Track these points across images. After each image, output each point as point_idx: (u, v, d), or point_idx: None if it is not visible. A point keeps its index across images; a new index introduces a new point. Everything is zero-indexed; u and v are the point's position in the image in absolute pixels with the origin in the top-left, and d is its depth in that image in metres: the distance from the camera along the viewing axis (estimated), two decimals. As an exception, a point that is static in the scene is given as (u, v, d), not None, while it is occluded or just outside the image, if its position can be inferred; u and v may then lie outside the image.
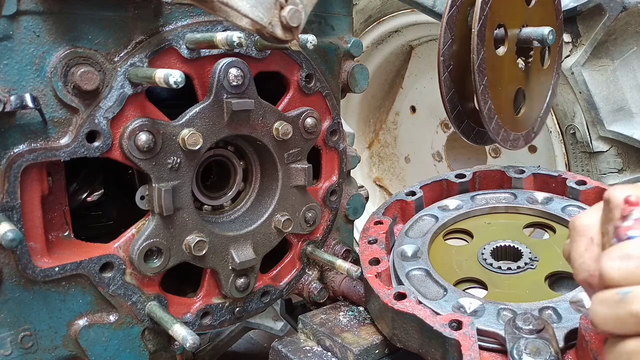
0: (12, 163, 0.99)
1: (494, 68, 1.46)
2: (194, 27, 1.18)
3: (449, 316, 1.06)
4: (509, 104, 1.56)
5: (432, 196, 1.60)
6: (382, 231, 1.41)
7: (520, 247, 1.31)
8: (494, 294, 1.19)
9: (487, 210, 1.50)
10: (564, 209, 1.41)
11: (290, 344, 1.30)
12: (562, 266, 1.23)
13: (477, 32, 1.37)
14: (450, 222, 1.46)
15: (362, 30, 2.85)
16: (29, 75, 1.00)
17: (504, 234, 1.39)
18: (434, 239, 1.40)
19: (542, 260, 1.27)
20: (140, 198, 1.17)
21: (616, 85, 1.97)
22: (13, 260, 1.03)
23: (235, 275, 1.31)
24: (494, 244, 1.34)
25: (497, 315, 1.07)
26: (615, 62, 1.97)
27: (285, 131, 1.31)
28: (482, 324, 1.04)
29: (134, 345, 1.21)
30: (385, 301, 1.14)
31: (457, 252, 1.36)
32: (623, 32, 1.91)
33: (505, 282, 1.22)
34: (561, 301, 1.09)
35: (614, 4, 1.85)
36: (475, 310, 1.10)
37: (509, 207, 1.48)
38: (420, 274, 1.25)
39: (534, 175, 1.56)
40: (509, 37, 1.49)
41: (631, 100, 1.97)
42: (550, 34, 1.49)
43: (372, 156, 3.45)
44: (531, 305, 1.08)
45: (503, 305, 1.09)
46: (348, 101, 3.19)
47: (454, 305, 1.12)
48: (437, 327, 1.04)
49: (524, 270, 1.25)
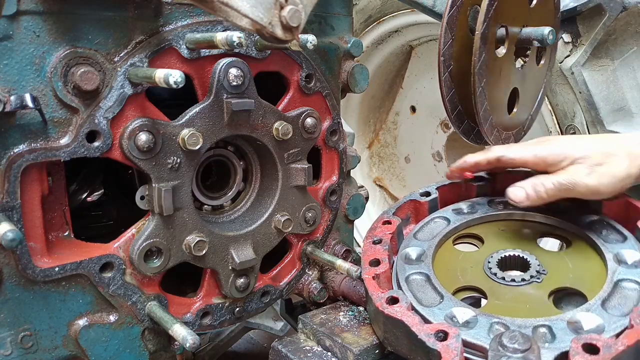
0: (12, 163, 0.99)
1: (493, 69, 1.46)
2: (194, 27, 1.18)
3: (437, 326, 1.03)
4: (502, 104, 1.55)
5: (449, 198, 1.54)
6: (389, 231, 1.36)
7: (529, 258, 1.24)
8: (493, 305, 1.15)
9: (503, 217, 1.42)
10: (582, 221, 1.32)
11: (290, 344, 1.30)
12: (570, 282, 1.17)
13: (481, 34, 1.37)
14: (462, 227, 1.41)
15: (362, 30, 2.86)
16: (29, 75, 1.00)
17: (517, 242, 1.33)
18: (442, 243, 1.35)
19: (551, 273, 1.20)
20: (140, 198, 1.17)
21: (616, 85, 1.97)
22: (13, 260, 1.03)
23: (235, 275, 1.31)
24: (503, 252, 1.28)
25: (489, 328, 1.03)
26: (615, 62, 1.97)
27: (285, 131, 1.31)
28: (471, 336, 1.01)
29: (134, 345, 1.21)
30: (377, 304, 1.12)
31: (463, 259, 1.31)
32: (623, 32, 1.91)
33: (507, 293, 1.18)
34: (559, 320, 1.02)
35: (614, 4, 1.85)
36: (467, 321, 1.06)
37: (527, 215, 1.40)
38: (420, 278, 1.22)
39: None
40: (509, 37, 1.49)
41: (631, 100, 1.97)
42: (550, 34, 1.49)
43: (372, 156, 3.45)
44: (526, 321, 1.03)
45: (497, 318, 1.05)
46: (348, 101, 3.19)
47: (446, 314, 1.09)
48: (421, 335, 1.01)
49: (529, 283, 1.19)
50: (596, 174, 1.19)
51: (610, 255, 1.17)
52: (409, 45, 2.98)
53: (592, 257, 1.23)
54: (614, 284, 1.09)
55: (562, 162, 1.24)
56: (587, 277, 1.18)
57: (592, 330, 0.98)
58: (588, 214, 1.33)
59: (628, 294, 1.07)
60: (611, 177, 1.20)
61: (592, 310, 1.03)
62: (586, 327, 0.99)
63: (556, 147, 1.27)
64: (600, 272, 1.16)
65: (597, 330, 0.98)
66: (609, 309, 1.03)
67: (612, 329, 0.98)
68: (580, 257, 1.24)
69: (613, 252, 1.17)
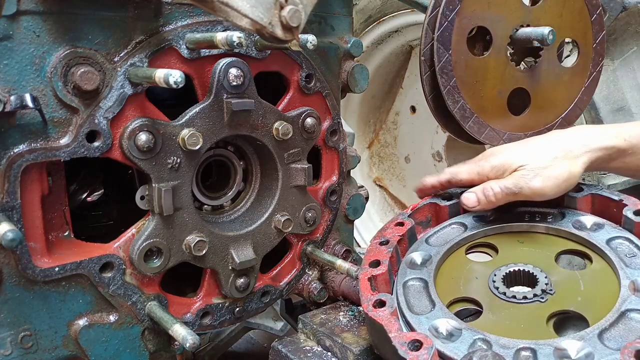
0: (12, 163, 0.99)
1: (475, 69, 1.48)
2: (194, 27, 1.18)
3: (414, 335, 1.00)
4: (498, 104, 1.55)
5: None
6: (399, 233, 1.31)
7: (539, 275, 1.17)
8: (485, 320, 1.11)
9: (525, 228, 1.35)
10: (609, 241, 1.22)
11: (290, 344, 1.30)
12: (576, 306, 1.10)
13: (438, 36, 1.42)
14: (479, 235, 1.35)
15: (362, 30, 2.86)
16: (29, 75, 1.00)
17: (532, 257, 1.25)
18: (453, 250, 1.31)
19: (558, 294, 1.13)
20: (140, 198, 1.17)
21: (616, 85, 1.97)
22: (13, 260, 1.03)
23: (235, 275, 1.31)
24: (513, 266, 1.21)
25: (470, 344, 1.00)
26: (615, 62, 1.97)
27: (285, 131, 1.31)
28: (449, 349, 0.98)
29: (134, 345, 1.21)
30: (363, 306, 1.11)
31: (471, 268, 1.26)
32: (623, 32, 1.92)
33: (504, 310, 1.12)
34: (546, 345, 0.96)
35: (614, 4, 1.85)
36: (451, 333, 1.03)
37: (550, 228, 1.32)
38: (418, 284, 1.20)
39: (592, 196, 1.34)
40: (495, 37, 1.49)
41: (631, 100, 1.97)
42: (550, 34, 1.48)
43: (372, 156, 3.45)
44: (511, 342, 0.98)
45: (481, 335, 1.01)
46: (348, 101, 3.19)
47: (432, 324, 1.06)
48: (395, 342, 0.99)
49: (531, 302, 1.12)
50: (540, 177, 1.27)
51: (627, 281, 1.08)
52: (409, 45, 2.98)
53: (609, 281, 1.13)
54: (620, 313, 1.00)
55: (505, 172, 1.32)
56: (597, 302, 1.09)
57: None
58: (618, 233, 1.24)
59: (633, 326, 0.98)
60: (554, 179, 1.27)
61: (586, 338, 0.96)
62: (573, 357, 0.93)
63: (499, 159, 1.35)
64: (613, 298, 1.06)
65: None
66: (606, 340, 0.96)
67: None
68: (596, 279, 1.16)
69: (632, 279, 1.08)
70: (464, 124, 1.50)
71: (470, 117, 1.49)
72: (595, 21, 1.64)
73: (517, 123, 1.60)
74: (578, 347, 0.94)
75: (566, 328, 1.13)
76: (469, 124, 1.50)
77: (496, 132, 1.55)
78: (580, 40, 1.63)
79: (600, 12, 1.64)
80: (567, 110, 1.67)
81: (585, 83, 1.68)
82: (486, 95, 1.52)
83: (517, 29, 1.53)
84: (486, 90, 1.51)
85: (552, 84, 1.62)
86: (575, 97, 1.67)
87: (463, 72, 1.46)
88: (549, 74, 1.61)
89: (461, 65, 1.45)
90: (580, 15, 1.62)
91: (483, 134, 1.53)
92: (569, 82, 1.65)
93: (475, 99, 1.49)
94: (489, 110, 1.53)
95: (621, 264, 1.13)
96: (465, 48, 1.47)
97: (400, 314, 1.12)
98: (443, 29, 1.42)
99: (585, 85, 1.68)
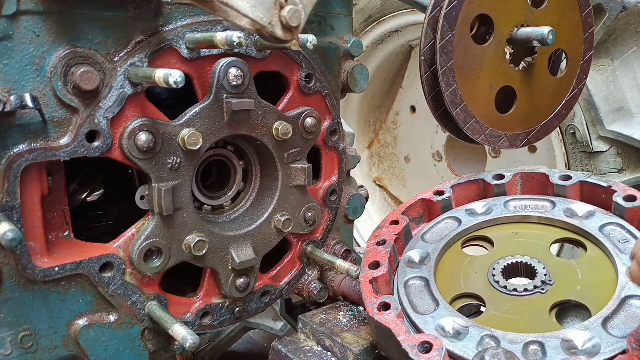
0: (12, 163, 0.99)
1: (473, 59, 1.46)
2: (194, 27, 1.18)
3: (423, 337, 1.01)
4: (486, 98, 1.55)
5: (465, 197, 1.46)
6: (395, 232, 1.31)
7: (537, 266, 1.17)
8: (490, 316, 1.10)
9: (518, 219, 1.34)
10: (602, 228, 1.22)
11: (290, 344, 1.30)
12: (576, 295, 1.10)
13: (445, 14, 1.38)
14: (473, 229, 1.33)
15: (362, 30, 2.86)
16: (29, 75, 1.01)
17: (528, 248, 1.25)
18: (450, 246, 1.30)
19: (558, 285, 1.13)
20: (140, 198, 1.17)
21: (616, 85, 1.97)
22: (13, 260, 1.03)
23: (235, 275, 1.31)
24: (510, 259, 1.20)
25: (478, 341, 1.01)
26: (615, 62, 1.97)
27: (285, 131, 1.31)
28: (459, 348, 0.99)
29: (134, 345, 1.21)
30: (368, 310, 1.11)
31: (469, 263, 1.25)
32: (623, 32, 1.92)
33: (507, 304, 1.12)
34: (553, 337, 0.97)
35: (614, 4, 1.85)
36: (458, 332, 1.04)
37: (542, 218, 1.32)
38: (419, 283, 1.19)
39: (581, 184, 1.34)
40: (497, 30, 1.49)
41: (631, 100, 1.97)
42: (551, 34, 1.48)
43: (372, 156, 3.45)
44: (518, 336, 0.98)
45: (489, 331, 1.01)
46: (348, 101, 3.19)
47: (438, 323, 1.06)
48: (405, 346, 0.99)
49: (532, 294, 1.12)
50: None
51: (624, 268, 1.08)
52: (409, 45, 2.98)
53: (606, 268, 1.14)
54: (621, 300, 1.02)
55: None
56: (597, 290, 1.10)
57: (587, 351, 0.94)
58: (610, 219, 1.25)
59: (635, 312, 0.99)
60: None
61: (590, 328, 0.97)
62: (580, 347, 0.94)
63: None
64: (612, 285, 1.08)
65: (592, 352, 0.93)
66: (611, 329, 0.97)
67: (608, 351, 0.93)
68: (593, 266, 1.16)
69: (628, 265, 1.07)
70: (452, 110, 1.47)
71: (459, 104, 1.48)
72: (587, 39, 1.65)
73: (500, 121, 1.59)
74: (585, 337, 0.96)
75: (567, 316, 1.13)
76: (457, 111, 1.48)
77: (480, 125, 1.54)
78: (571, 53, 1.64)
79: (592, 31, 1.65)
80: (546, 119, 1.67)
81: (567, 97, 1.68)
82: (478, 85, 1.51)
83: (519, 27, 1.53)
84: (479, 80, 1.51)
85: (539, 91, 1.62)
86: (556, 109, 1.68)
87: (461, 56, 1.45)
88: (539, 80, 1.61)
89: (461, 49, 1.44)
90: (575, 30, 1.63)
91: (468, 124, 1.51)
92: (554, 93, 1.66)
93: (468, 87, 1.48)
94: (478, 102, 1.52)
95: (616, 251, 1.14)
96: (467, 32, 1.46)
97: (405, 315, 1.12)
98: (452, 8, 1.39)
99: (566, 99, 1.68)
